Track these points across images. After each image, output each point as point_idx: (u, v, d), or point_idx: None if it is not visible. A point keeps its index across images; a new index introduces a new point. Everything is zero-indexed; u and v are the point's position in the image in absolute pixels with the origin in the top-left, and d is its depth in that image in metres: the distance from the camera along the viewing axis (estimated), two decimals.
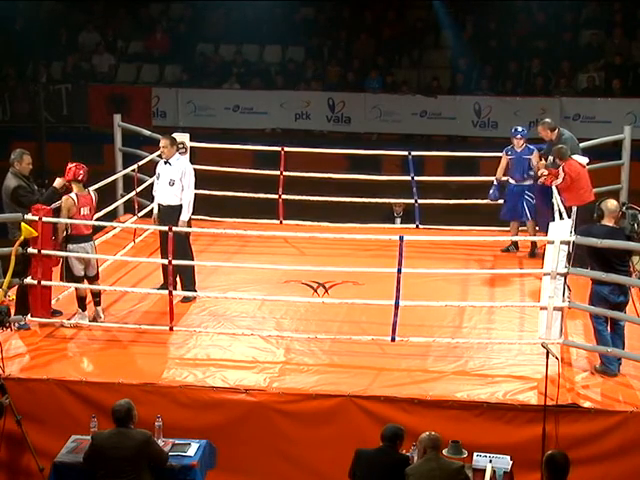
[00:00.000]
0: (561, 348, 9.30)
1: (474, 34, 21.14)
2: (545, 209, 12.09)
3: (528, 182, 12.34)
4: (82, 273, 10.06)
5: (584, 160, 11.74)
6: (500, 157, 12.64)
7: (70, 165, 10.04)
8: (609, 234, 9.02)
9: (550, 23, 20.97)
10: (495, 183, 12.52)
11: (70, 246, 9.93)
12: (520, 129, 12.51)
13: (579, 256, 9.54)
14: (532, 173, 12.30)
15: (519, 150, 12.36)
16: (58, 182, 10.09)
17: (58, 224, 9.88)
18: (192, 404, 8.85)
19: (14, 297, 10.06)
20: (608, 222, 9.13)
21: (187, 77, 21.55)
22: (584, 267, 9.48)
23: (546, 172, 11.83)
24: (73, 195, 9.95)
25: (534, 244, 12.40)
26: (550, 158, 12.08)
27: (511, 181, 12.46)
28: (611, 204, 9.19)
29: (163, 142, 10.91)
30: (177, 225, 10.46)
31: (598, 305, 9.06)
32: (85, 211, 10.02)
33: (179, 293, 10.42)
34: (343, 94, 20.54)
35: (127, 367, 9.25)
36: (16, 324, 9.85)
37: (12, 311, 9.76)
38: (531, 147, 12.40)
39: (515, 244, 12.61)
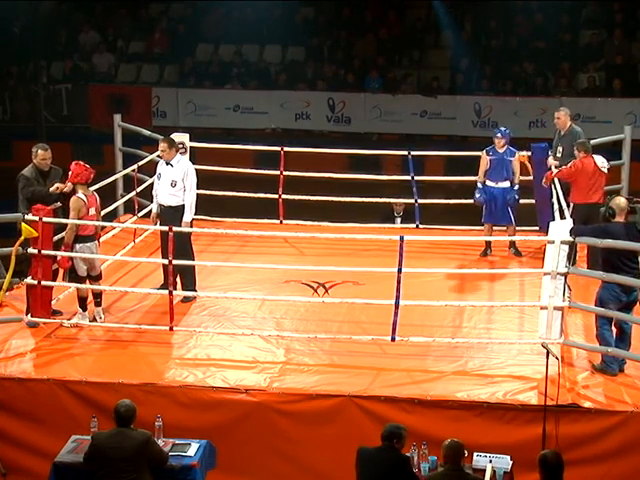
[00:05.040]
0: (561, 348, 9.30)
1: (474, 34, 21.17)
2: (545, 208, 12.08)
3: (506, 184, 12.24)
4: (85, 274, 10.06)
5: (604, 162, 11.65)
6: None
7: (75, 166, 10.01)
8: (628, 231, 9.04)
9: (550, 23, 20.98)
10: (480, 186, 12.31)
11: (76, 246, 9.93)
12: (502, 129, 12.44)
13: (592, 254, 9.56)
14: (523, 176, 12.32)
15: (501, 151, 12.23)
16: (67, 187, 10.18)
17: (69, 226, 9.88)
18: (192, 404, 8.84)
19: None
20: (620, 219, 9.14)
21: (187, 77, 21.55)
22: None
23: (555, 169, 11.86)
24: (82, 196, 9.95)
25: (514, 244, 12.33)
26: (559, 149, 12.10)
27: (489, 183, 12.29)
28: (621, 201, 9.21)
29: (162, 146, 10.88)
30: (179, 226, 10.46)
31: (610, 305, 9.02)
32: (92, 211, 10.05)
33: (179, 293, 10.42)
34: (343, 94, 20.58)
35: (127, 367, 9.24)
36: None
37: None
38: (512, 149, 12.28)
39: (490, 246, 12.45)
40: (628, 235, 9.00)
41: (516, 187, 12.24)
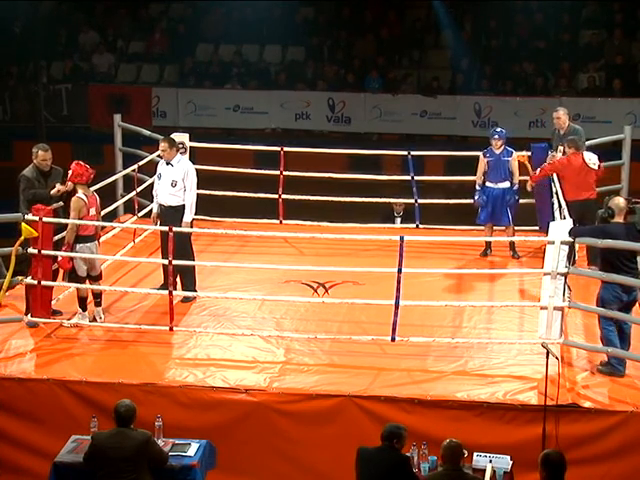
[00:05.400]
0: (561, 348, 9.30)
1: (474, 34, 21.17)
2: (545, 208, 12.07)
3: (506, 184, 12.23)
4: (86, 274, 10.07)
5: (592, 159, 11.65)
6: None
7: (76, 166, 10.01)
8: (628, 232, 9.05)
9: (550, 23, 20.99)
10: (478, 188, 12.31)
11: (77, 246, 9.94)
12: (498, 129, 12.39)
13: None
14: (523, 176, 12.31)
15: (498, 152, 12.17)
16: (68, 187, 10.21)
17: (69, 226, 9.88)
18: (192, 404, 8.85)
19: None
20: (619, 219, 9.15)
21: (187, 77, 21.55)
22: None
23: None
24: (82, 196, 9.95)
25: (513, 246, 12.36)
26: (560, 148, 12.12)
27: (489, 184, 12.24)
28: (620, 202, 9.23)
29: (162, 145, 10.88)
30: (180, 226, 10.46)
31: (611, 305, 9.03)
32: (92, 211, 10.06)
33: (179, 293, 10.42)
34: (343, 94, 20.58)
35: (127, 367, 9.25)
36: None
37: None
38: (509, 149, 12.25)
39: (490, 246, 12.46)
40: (628, 235, 9.01)
41: (515, 187, 12.22)
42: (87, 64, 21.99)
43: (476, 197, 12.33)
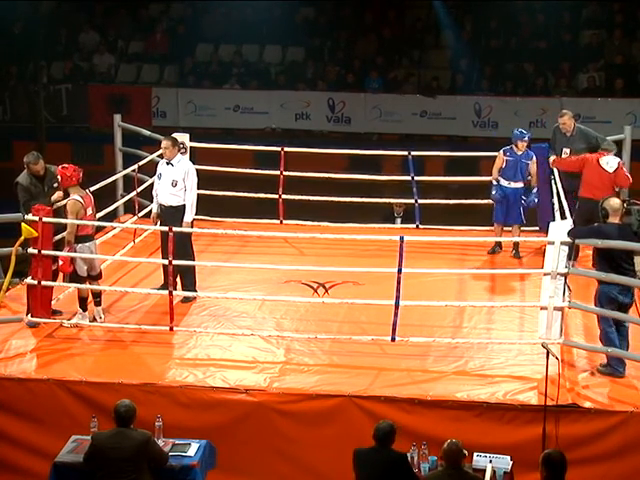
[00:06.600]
0: (561, 348, 9.29)
1: (474, 34, 21.18)
2: (545, 208, 12.07)
3: (519, 185, 12.24)
4: (86, 274, 10.07)
5: (609, 162, 11.61)
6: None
7: (63, 170, 10.00)
8: (621, 232, 9.03)
9: (550, 23, 21.00)
10: (495, 183, 12.35)
11: (77, 246, 9.93)
12: (524, 131, 12.29)
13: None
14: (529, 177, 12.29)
15: (520, 153, 12.17)
16: (58, 195, 10.25)
17: (69, 228, 9.87)
18: (192, 404, 8.85)
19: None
20: (614, 220, 9.14)
21: (187, 77, 21.56)
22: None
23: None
24: (78, 198, 9.95)
25: (516, 245, 12.36)
26: (566, 150, 12.10)
27: (503, 182, 12.26)
28: (614, 202, 9.21)
29: (165, 143, 10.89)
30: (180, 226, 10.46)
31: (607, 306, 9.03)
32: (89, 211, 10.06)
33: (179, 293, 10.42)
34: (343, 94, 20.59)
35: (127, 367, 9.24)
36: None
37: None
38: (530, 152, 12.22)
39: (500, 245, 12.50)
40: (621, 236, 8.99)
41: (535, 190, 12.20)
42: (87, 64, 21.99)
43: (493, 192, 12.31)
